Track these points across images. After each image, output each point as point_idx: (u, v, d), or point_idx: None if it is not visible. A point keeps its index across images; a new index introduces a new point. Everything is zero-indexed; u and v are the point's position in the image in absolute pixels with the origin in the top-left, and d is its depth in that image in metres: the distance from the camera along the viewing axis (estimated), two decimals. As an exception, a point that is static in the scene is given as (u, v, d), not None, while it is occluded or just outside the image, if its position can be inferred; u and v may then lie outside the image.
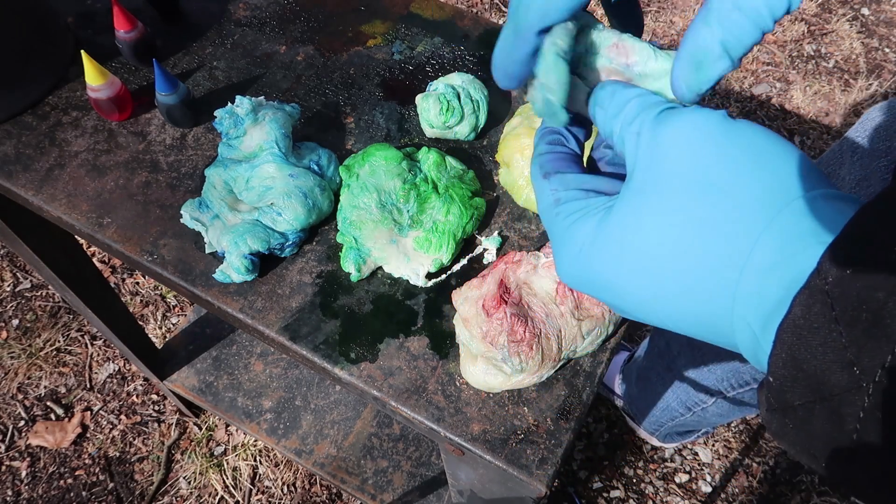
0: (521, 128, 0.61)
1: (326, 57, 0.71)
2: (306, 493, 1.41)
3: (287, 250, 0.58)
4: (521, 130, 0.60)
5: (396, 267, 0.57)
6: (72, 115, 0.66)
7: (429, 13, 0.75)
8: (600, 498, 1.42)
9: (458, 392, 0.52)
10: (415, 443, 1.25)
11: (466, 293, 0.52)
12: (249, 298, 0.57)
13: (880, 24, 2.16)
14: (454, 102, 0.61)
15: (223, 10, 0.74)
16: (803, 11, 2.16)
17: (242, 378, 1.31)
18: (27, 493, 1.41)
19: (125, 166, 0.63)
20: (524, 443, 0.50)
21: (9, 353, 1.56)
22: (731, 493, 1.44)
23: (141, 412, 1.50)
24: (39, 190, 0.62)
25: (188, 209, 0.59)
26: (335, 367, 0.54)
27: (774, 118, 1.95)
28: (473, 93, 0.63)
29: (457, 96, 0.62)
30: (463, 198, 0.58)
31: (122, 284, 1.66)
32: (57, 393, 1.52)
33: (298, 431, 1.26)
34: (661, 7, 2.16)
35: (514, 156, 0.59)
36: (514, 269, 0.52)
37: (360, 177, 0.59)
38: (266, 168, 0.58)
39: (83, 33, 0.72)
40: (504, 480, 0.53)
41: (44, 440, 1.46)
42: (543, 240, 0.60)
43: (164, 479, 1.43)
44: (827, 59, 2.07)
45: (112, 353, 1.57)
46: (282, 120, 0.60)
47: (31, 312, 1.61)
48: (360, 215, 0.57)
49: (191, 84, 0.69)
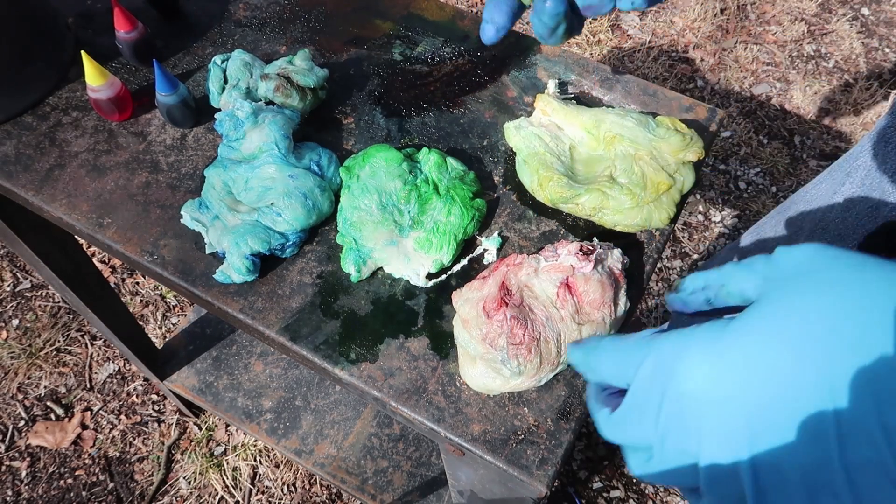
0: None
1: (326, 57, 0.71)
2: (306, 493, 1.41)
3: (287, 251, 0.58)
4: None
5: (397, 267, 0.57)
6: (72, 116, 0.66)
7: (429, 13, 0.75)
8: (600, 498, 1.42)
9: (458, 392, 0.52)
10: (415, 443, 1.25)
11: (467, 294, 0.52)
12: (250, 299, 0.57)
13: (880, 24, 2.16)
14: None
15: (223, 10, 0.74)
16: (803, 11, 2.16)
17: (242, 378, 1.31)
18: (27, 493, 1.41)
19: (125, 166, 0.63)
20: (524, 443, 0.50)
21: (9, 353, 1.56)
22: (731, 493, 1.43)
23: (141, 412, 1.50)
24: (39, 190, 0.62)
25: (188, 210, 0.59)
26: (335, 368, 0.54)
27: (774, 118, 1.95)
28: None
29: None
30: (464, 199, 0.58)
31: (122, 284, 1.66)
32: (57, 393, 1.52)
33: (298, 431, 1.26)
34: (661, 7, 2.16)
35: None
36: (515, 271, 0.52)
37: (360, 178, 0.59)
38: (266, 169, 0.58)
39: (83, 33, 0.72)
40: (504, 481, 0.53)
41: (44, 440, 1.46)
42: (543, 240, 0.60)
43: (164, 479, 1.43)
44: (827, 59, 2.07)
45: (112, 353, 1.57)
46: (281, 122, 0.60)
47: (31, 312, 1.61)
48: (360, 216, 0.57)
49: (191, 84, 0.69)
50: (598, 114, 0.61)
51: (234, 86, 0.63)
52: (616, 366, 0.33)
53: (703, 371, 0.29)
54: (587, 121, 0.61)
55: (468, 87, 0.69)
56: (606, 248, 0.54)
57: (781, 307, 0.29)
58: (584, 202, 0.57)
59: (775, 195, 1.82)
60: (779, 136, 1.92)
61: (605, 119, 0.60)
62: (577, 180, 0.59)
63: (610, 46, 2.07)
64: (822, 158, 1.88)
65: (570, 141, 0.61)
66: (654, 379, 0.31)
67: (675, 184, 0.58)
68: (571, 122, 0.61)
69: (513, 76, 0.70)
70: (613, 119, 0.60)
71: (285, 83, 0.62)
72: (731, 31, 2.11)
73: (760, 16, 2.16)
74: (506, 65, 0.71)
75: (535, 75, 0.70)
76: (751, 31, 2.12)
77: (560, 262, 0.51)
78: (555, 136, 0.61)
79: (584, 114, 0.61)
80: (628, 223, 0.57)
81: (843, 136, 1.91)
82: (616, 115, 0.60)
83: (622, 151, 0.59)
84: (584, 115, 0.61)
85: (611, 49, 2.07)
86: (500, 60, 0.71)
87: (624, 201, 0.57)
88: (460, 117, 0.67)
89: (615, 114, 0.60)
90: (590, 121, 0.61)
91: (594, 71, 0.70)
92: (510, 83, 0.70)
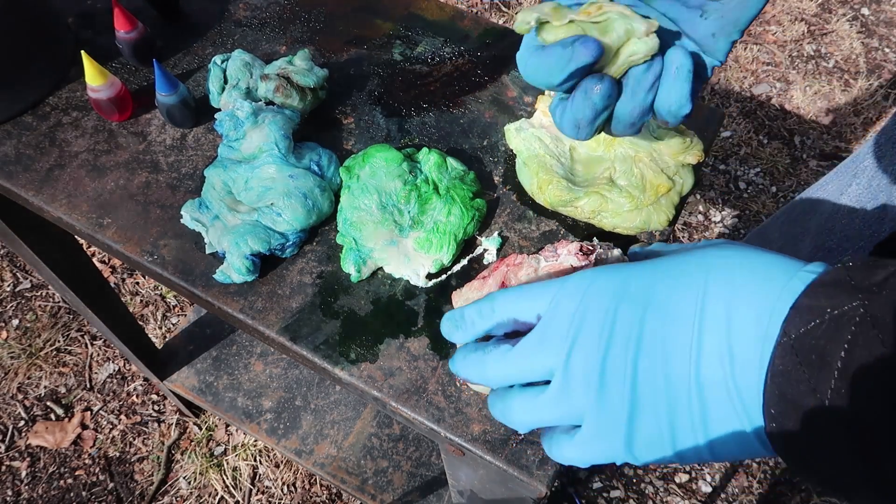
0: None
1: (326, 57, 0.71)
2: (306, 493, 1.41)
3: (287, 251, 0.58)
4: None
5: (397, 267, 0.57)
6: (72, 116, 0.66)
7: (429, 14, 0.75)
8: (600, 498, 1.42)
9: (458, 392, 0.52)
10: (415, 443, 1.25)
11: (467, 294, 0.51)
12: (250, 299, 0.57)
13: (880, 24, 2.16)
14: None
15: (223, 10, 0.74)
16: (803, 11, 2.16)
17: (242, 378, 1.31)
18: (27, 493, 1.41)
19: (125, 167, 0.63)
20: (524, 443, 0.50)
21: (9, 353, 1.56)
22: (731, 493, 1.44)
23: (141, 412, 1.50)
24: (39, 190, 0.62)
25: (188, 210, 0.59)
26: (335, 368, 0.54)
27: (774, 118, 1.95)
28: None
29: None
30: (464, 199, 0.58)
31: (122, 284, 1.66)
32: (57, 393, 1.52)
33: (298, 431, 1.26)
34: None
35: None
36: (515, 271, 0.52)
37: (360, 178, 0.59)
38: (266, 169, 0.58)
39: (83, 33, 0.72)
40: (504, 481, 0.53)
41: (44, 440, 1.46)
42: (543, 240, 0.60)
43: (164, 479, 1.43)
44: (827, 59, 2.07)
45: (112, 353, 1.57)
46: (281, 122, 0.60)
47: (31, 312, 1.61)
48: (360, 216, 0.58)
49: (191, 84, 0.69)
50: None
51: (234, 86, 0.63)
52: (526, 299, 0.37)
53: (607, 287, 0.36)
54: None
55: (468, 87, 0.69)
56: (606, 247, 0.54)
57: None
58: (583, 205, 0.57)
59: (775, 195, 1.82)
60: (779, 136, 1.92)
61: None
62: (577, 181, 0.59)
63: (610, 46, 2.07)
64: (822, 158, 1.88)
65: (570, 141, 0.61)
66: (565, 304, 0.36)
67: (675, 186, 0.58)
68: None
69: (513, 76, 0.70)
70: None
71: (285, 83, 0.62)
72: (731, 31, 2.11)
73: (760, 16, 2.16)
74: (506, 65, 0.71)
75: (535, 75, 0.70)
76: (751, 31, 2.12)
77: (560, 262, 0.51)
78: (555, 136, 0.61)
79: None
80: (627, 226, 0.57)
81: (843, 136, 1.91)
82: None
83: (622, 153, 0.59)
84: None
85: (611, 49, 2.06)
86: (500, 60, 0.71)
87: (623, 204, 0.57)
88: (460, 117, 0.67)
89: None
90: None
91: (594, 71, 0.70)
92: (510, 83, 0.70)
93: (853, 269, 0.30)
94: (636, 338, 0.33)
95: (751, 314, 0.31)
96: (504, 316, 0.38)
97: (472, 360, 0.38)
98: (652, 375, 0.33)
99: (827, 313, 0.29)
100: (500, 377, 0.37)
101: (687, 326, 0.32)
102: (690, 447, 0.33)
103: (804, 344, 0.29)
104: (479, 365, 0.38)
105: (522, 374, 0.37)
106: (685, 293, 0.33)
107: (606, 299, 0.34)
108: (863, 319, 0.27)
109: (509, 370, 0.37)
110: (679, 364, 0.32)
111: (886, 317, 0.27)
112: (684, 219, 1.79)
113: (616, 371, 0.33)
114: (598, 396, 0.34)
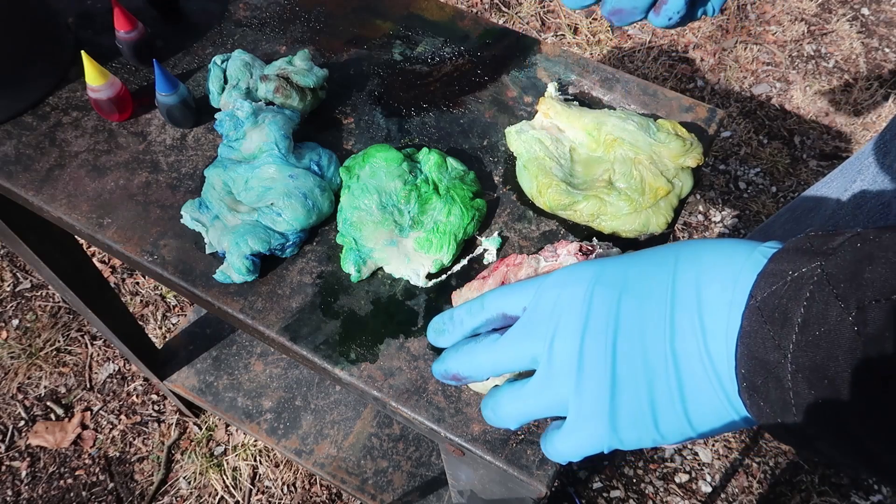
0: None
1: (326, 57, 0.71)
2: (306, 493, 1.41)
3: (287, 251, 0.58)
4: None
5: (397, 267, 0.57)
6: (72, 116, 0.66)
7: (429, 14, 0.75)
8: (600, 498, 1.42)
9: (458, 392, 0.52)
10: (415, 443, 1.25)
11: (467, 294, 0.51)
12: (250, 299, 0.57)
13: (880, 24, 2.16)
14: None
15: (223, 10, 0.74)
16: (803, 11, 2.16)
17: (242, 378, 1.31)
18: (27, 493, 1.41)
19: (125, 166, 0.63)
20: (524, 443, 0.50)
21: (9, 353, 1.56)
22: (731, 493, 1.44)
23: (141, 412, 1.50)
24: (39, 190, 0.62)
25: (188, 210, 0.59)
26: (335, 368, 0.54)
27: (774, 118, 1.95)
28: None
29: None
30: (464, 199, 0.58)
31: (122, 284, 1.66)
32: (57, 393, 1.52)
33: (298, 431, 1.26)
34: (661, 7, 2.16)
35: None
36: (515, 271, 0.52)
37: (360, 178, 0.59)
38: (266, 169, 0.58)
39: (83, 33, 0.72)
40: (504, 481, 0.53)
41: (44, 440, 1.46)
42: (543, 240, 0.60)
43: (164, 479, 1.43)
44: (827, 59, 2.07)
45: (112, 353, 1.57)
46: (281, 122, 0.60)
47: (31, 312, 1.62)
48: (360, 216, 0.58)
49: (191, 84, 0.69)
50: (599, 116, 0.61)
51: (234, 86, 0.63)
52: (514, 294, 0.40)
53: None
54: (588, 123, 0.61)
55: (468, 87, 0.69)
56: (606, 247, 0.54)
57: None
58: (583, 209, 0.57)
59: (775, 195, 1.82)
60: (779, 136, 1.92)
61: (606, 122, 0.60)
62: (577, 183, 0.59)
63: (610, 46, 2.07)
64: (822, 158, 1.88)
65: (570, 143, 0.61)
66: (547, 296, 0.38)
67: (674, 189, 0.58)
68: (573, 124, 0.61)
69: (513, 76, 0.70)
70: (615, 122, 0.60)
71: (285, 84, 0.62)
72: (731, 31, 2.11)
73: (760, 16, 2.16)
74: (506, 65, 0.71)
75: (535, 75, 0.70)
76: (751, 31, 2.12)
77: (560, 263, 0.51)
78: (555, 138, 0.61)
79: (586, 116, 0.61)
80: (626, 229, 0.57)
81: (843, 136, 1.91)
82: (618, 118, 0.60)
83: (622, 155, 0.59)
84: (585, 117, 0.61)
85: (611, 49, 2.07)
86: (500, 60, 0.71)
87: (622, 207, 0.57)
88: (460, 117, 0.67)
89: (617, 117, 0.60)
90: (591, 123, 0.60)
91: (594, 71, 0.70)
92: (510, 83, 0.70)
93: (814, 237, 0.32)
94: (613, 320, 0.35)
95: (717, 286, 0.34)
96: (493, 311, 0.40)
97: (464, 351, 0.40)
98: (630, 355, 0.35)
99: (789, 275, 0.31)
100: (489, 365, 0.39)
101: (660, 304, 0.35)
102: (672, 422, 0.35)
103: (768, 304, 0.31)
104: (469, 354, 0.40)
105: (510, 361, 0.39)
106: (656, 274, 0.36)
107: (584, 286, 0.37)
108: (820, 279, 0.29)
109: (497, 358, 0.39)
110: (655, 341, 0.34)
111: (840, 274, 0.29)
112: (684, 219, 1.79)
113: (595, 353, 0.35)
114: (578, 378, 0.35)
